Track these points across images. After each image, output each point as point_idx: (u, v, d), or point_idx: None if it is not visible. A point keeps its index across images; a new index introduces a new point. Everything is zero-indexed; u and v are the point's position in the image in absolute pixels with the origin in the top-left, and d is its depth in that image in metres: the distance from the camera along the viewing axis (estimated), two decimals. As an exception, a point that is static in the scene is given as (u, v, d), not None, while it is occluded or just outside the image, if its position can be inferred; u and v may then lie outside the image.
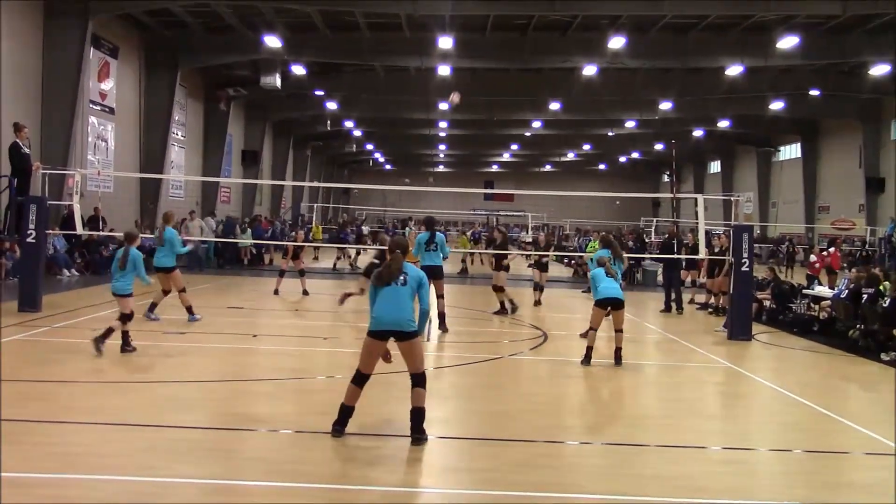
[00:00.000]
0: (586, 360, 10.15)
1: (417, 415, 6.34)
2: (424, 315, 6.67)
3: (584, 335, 12.08)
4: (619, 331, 10.34)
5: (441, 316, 12.47)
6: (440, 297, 12.44)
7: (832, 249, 23.35)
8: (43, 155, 18.91)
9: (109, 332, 9.37)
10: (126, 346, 9.58)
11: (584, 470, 6.07)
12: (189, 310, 12.49)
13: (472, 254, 28.93)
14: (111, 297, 9.99)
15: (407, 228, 31.55)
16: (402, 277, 6.47)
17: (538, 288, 17.56)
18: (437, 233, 12.57)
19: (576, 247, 34.18)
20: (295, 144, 46.13)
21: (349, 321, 13.71)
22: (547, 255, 18.16)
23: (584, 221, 50.44)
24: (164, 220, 13.25)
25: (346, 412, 6.41)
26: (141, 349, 9.66)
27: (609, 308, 10.18)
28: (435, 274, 12.12)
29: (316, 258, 29.69)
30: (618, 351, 10.26)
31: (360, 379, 6.45)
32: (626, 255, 13.77)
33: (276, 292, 17.17)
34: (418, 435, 6.32)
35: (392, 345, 6.50)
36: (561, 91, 33.85)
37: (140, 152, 26.80)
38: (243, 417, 7.08)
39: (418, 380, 6.39)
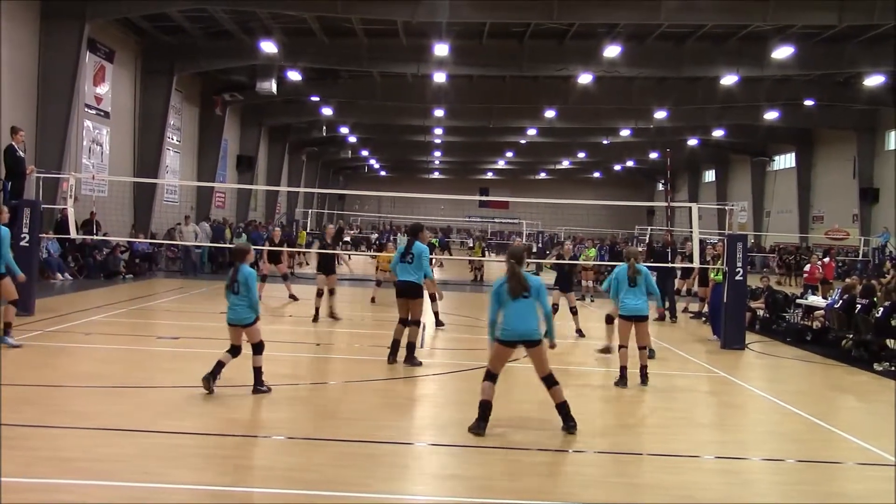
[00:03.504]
0: (622, 381, 9.42)
1: (562, 408, 7.08)
2: (548, 317, 7.29)
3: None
4: (642, 348, 9.64)
5: (410, 347, 10.15)
6: (416, 323, 10.19)
7: (826, 259, 23.47)
8: (38, 158, 18.88)
9: (229, 362, 8.18)
10: (259, 387, 8.09)
11: (578, 478, 6.06)
12: (7, 328, 9.90)
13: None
14: (103, 302, 9.72)
15: (396, 237, 31.25)
16: (526, 290, 7.02)
17: None
18: (418, 243, 10.31)
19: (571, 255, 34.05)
20: (290, 150, 46.09)
21: (340, 327, 13.69)
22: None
23: (578, 229, 50.49)
24: None
25: (486, 407, 6.93)
26: (128, 353, 9.61)
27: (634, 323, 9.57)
28: (410, 293, 10.07)
29: (301, 264, 28.35)
30: (643, 369, 9.58)
31: (492, 377, 7.06)
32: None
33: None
34: (570, 423, 7.05)
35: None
36: (557, 99, 33.92)
37: (135, 156, 26.73)
38: (236, 423, 7.06)
39: (549, 381, 7.09)
